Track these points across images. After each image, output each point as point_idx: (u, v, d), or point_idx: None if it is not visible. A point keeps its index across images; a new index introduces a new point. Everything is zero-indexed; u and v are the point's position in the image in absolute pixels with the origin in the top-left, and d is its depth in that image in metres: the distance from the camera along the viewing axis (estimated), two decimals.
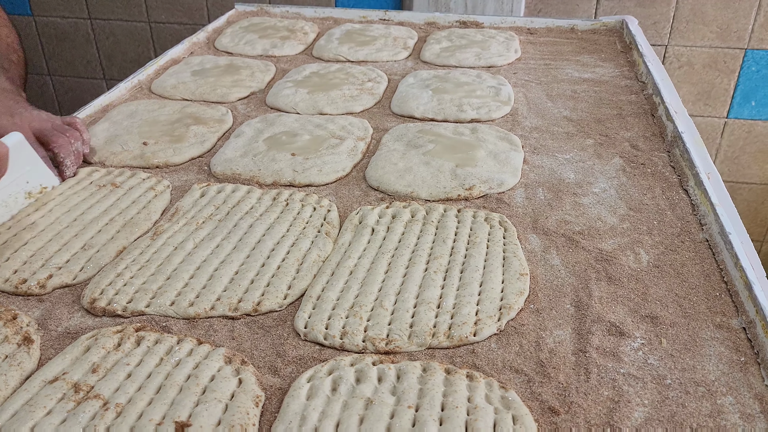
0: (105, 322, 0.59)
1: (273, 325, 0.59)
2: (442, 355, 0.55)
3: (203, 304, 0.60)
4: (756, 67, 1.76)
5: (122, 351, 0.54)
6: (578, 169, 0.83)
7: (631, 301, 0.60)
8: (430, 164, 0.82)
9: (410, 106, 1.00)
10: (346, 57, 1.22)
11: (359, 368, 0.52)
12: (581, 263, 0.65)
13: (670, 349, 0.54)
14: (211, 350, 0.55)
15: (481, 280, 0.62)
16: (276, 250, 0.67)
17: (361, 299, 0.60)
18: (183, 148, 0.87)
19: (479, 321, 0.57)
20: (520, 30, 1.37)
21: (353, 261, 0.65)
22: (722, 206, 0.69)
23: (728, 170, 1.91)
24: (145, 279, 0.63)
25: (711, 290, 0.61)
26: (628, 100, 1.02)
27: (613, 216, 0.73)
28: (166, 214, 0.75)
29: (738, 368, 0.52)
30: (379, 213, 0.73)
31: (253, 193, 0.78)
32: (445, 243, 0.67)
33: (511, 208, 0.75)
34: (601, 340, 0.55)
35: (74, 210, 0.74)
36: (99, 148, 0.88)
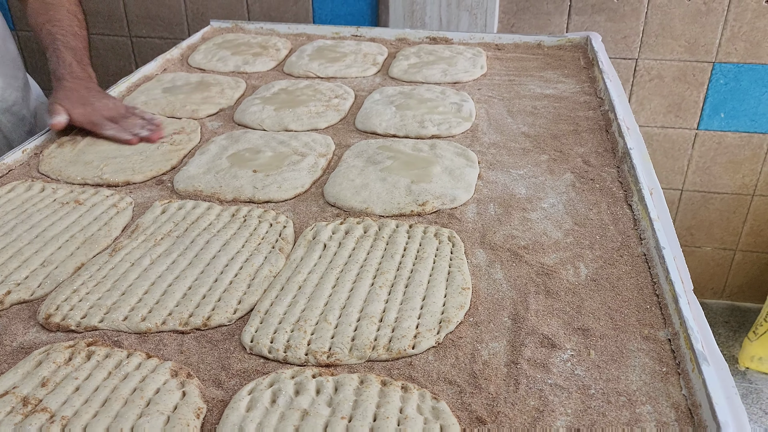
0: (59, 337, 0.61)
1: (221, 339, 0.61)
2: (381, 368, 0.57)
3: (155, 319, 0.62)
4: (724, 80, 1.80)
5: (72, 365, 0.57)
6: (530, 185, 0.86)
7: (565, 313, 0.62)
8: (386, 180, 0.85)
9: (373, 122, 1.03)
10: (315, 73, 1.25)
11: (299, 381, 0.55)
12: (523, 277, 0.68)
13: (597, 360, 0.57)
14: (158, 364, 0.57)
15: (424, 295, 0.64)
16: (229, 265, 0.69)
17: (307, 313, 0.62)
18: (144, 167, 0.90)
19: (418, 334, 0.59)
20: (489, 46, 1.40)
21: (303, 276, 0.68)
22: (661, 221, 0.72)
23: (700, 180, 1.95)
24: (101, 295, 0.65)
25: (642, 303, 0.63)
26: (585, 116, 1.06)
27: (559, 231, 0.76)
28: (126, 231, 0.77)
29: (659, 378, 0.55)
30: (332, 229, 0.76)
31: (212, 210, 0.80)
32: (393, 258, 0.70)
33: (461, 223, 0.78)
34: (533, 352, 0.58)
35: (36, 227, 0.76)
36: (65, 164, 0.90)
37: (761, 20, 1.70)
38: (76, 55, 1.03)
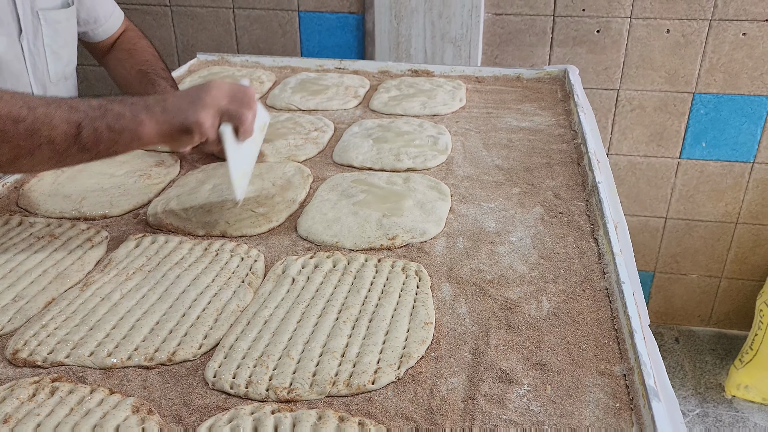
0: (25, 373, 0.62)
1: (185, 374, 0.62)
2: (341, 403, 0.58)
3: (121, 354, 0.63)
4: (704, 110, 1.83)
5: (35, 402, 0.57)
6: (500, 218, 0.87)
7: (525, 348, 0.63)
8: (357, 214, 0.86)
9: (350, 155, 1.05)
10: (297, 106, 1.27)
11: (257, 417, 0.55)
12: (486, 311, 0.69)
13: (553, 395, 0.58)
14: (120, 400, 0.58)
15: (387, 329, 0.65)
16: (198, 300, 0.71)
17: (271, 349, 0.63)
18: (122, 201, 0.91)
19: (379, 369, 0.60)
20: (469, 78, 1.43)
21: (269, 311, 0.69)
22: (623, 256, 0.74)
23: (684, 209, 1.97)
24: (69, 330, 0.66)
25: (601, 337, 0.64)
26: (559, 149, 1.08)
27: (525, 265, 0.77)
28: (99, 265, 0.78)
29: (612, 414, 0.55)
30: (302, 263, 0.77)
31: (185, 244, 0.81)
32: (359, 293, 0.71)
33: (430, 257, 0.79)
34: (491, 387, 0.59)
35: (11, 261, 0.77)
36: (44, 198, 0.92)
37: (738, 52, 1.74)
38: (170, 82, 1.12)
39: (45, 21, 1.04)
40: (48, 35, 1.05)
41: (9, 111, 0.72)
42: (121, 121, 0.75)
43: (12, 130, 0.72)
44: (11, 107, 0.72)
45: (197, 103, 0.78)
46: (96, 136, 0.74)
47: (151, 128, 0.76)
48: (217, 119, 0.80)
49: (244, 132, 0.83)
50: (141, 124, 0.76)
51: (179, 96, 0.80)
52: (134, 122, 0.76)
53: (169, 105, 0.78)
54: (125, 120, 0.75)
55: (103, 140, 0.75)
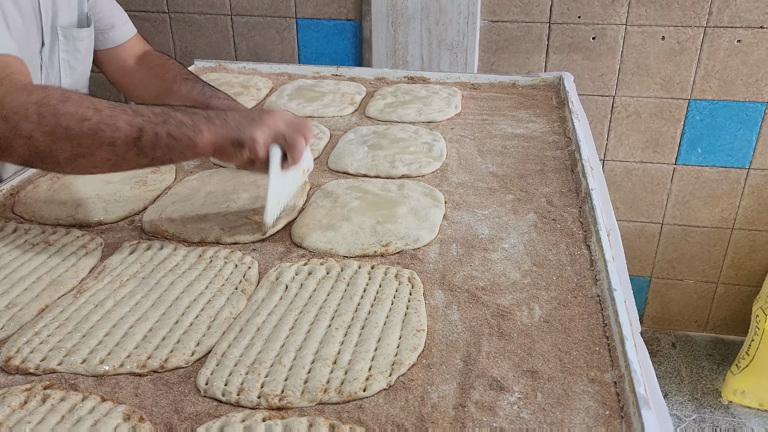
0: (17, 380, 0.62)
1: (177, 381, 0.62)
2: (332, 411, 0.58)
3: (113, 362, 0.63)
4: (700, 116, 1.84)
5: (27, 409, 0.57)
6: (493, 225, 0.88)
7: (516, 356, 0.64)
8: (351, 221, 0.86)
9: (345, 162, 1.05)
10: (293, 113, 1.27)
11: (248, 424, 0.56)
12: (478, 318, 0.69)
13: (543, 403, 0.58)
14: (112, 408, 0.58)
15: (379, 336, 0.66)
16: (191, 307, 0.71)
17: (263, 356, 0.63)
18: (117, 207, 0.91)
19: (370, 377, 0.61)
20: (465, 85, 1.44)
21: (262, 318, 0.69)
22: (615, 263, 0.74)
23: (680, 214, 1.97)
24: (62, 337, 0.66)
25: (592, 345, 0.65)
26: (553, 156, 1.08)
27: (517, 272, 0.77)
28: (94, 272, 0.78)
29: (602, 422, 0.56)
30: (296, 270, 0.77)
31: (179, 251, 0.81)
32: (351, 300, 0.71)
33: (423, 264, 0.79)
34: (482, 395, 0.59)
35: (5, 268, 0.77)
36: (40, 204, 0.92)
37: (733, 59, 1.75)
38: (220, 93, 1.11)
39: (63, 37, 1.06)
40: (64, 50, 1.07)
41: (76, 110, 0.74)
42: (181, 128, 0.77)
43: (77, 129, 0.74)
44: (78, 107, 0.74)
45: (257, 122, 0.81)
46: (156, 141, 0.76)
47: (208, 138, 0.78)
48: (270, 140, 0.82)
49: (293, 157, 0.84)
50: (200, 133, 0.78)
51: (241, 113, 0.83)
52: (194, 130, 0.78)
53: (230, 119, 0.80)
54: (185, 128, 0.77)
55: (161, 146, 0.77)
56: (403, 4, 1.80)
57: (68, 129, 0.74)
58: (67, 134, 0.74)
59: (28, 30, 0.99)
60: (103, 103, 0.76)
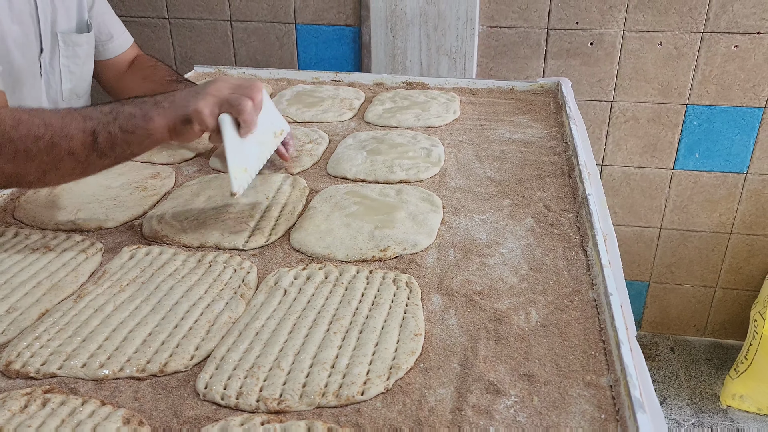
0: (18, 384, 0.62)
1: (176, 385, 0.62)
2: (330, 414, 0.58)
3: (113, 366, 0.64)
4: (697, 121, 1.84)
5: (27, 413, 0.58)
6: (491, 230, 0.88)
7: (513, 359, 0.64)
8: (350, 226, 0.87)
9: (344, 167, 1.06)
10: (292, 118, 1.28)
11: (247, 428, 0.56)
12: (475, 323, 0.70)
13: (539, 406, 0.58)
14: (111, 411, 0.58)
15: (377, 341, 0.66)
16: (190, 311, 0.71)
17: (261, 360, 0.64)
18: (117, 212, 0.92)
19: (368, 380, 0.61)
20: (463, 91, 1.44)
21: (261, 322, 0.69)
22: (612, 267, 0.75)
23: (678, 219, 1.98)
24: (62, 341, 0.67)
25: (588, 349, 0.65)
26: (551, 161, 1.09)
27: (514, 276, 0.78)
28: (94, 277, 0.79)
29: (597, 425, 0.56)
30: (294, 275, 0.78)
31: (179, 255, 0.82)
32: (350, 304, 0.72)
33: (421, 268, 0.80)
34: (478, 399, 0.59)
35: (5, 273, 0.78)
36: (40, 209, 0.92)
37: (731, 64, 1.76)
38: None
39: (63, 42, 1.07)
40: (65, 56, 1.08)
41: (29, 131, 0.75)
42: (132, 120, 0.77)
43: (35, 149, 0.75)
44: (29, 127, 0.75)
45: (200, 94, 0.81)
46: (111, 140, 0.77)
47: (160, 123, 0.78)
48: (216, 108, 0.81)
49: (244, 122, 0.82)
50: (151, 120, 0.78)
51: (186, 90, 0.82)
52: (144, 120, 0.78)
53: (176, 98, 0.80)
54: (136, 119, 0.78)
55: (119, 143, 0.77)
56: (402, 10, 1.81)
57: (27, 151, 0.75)
58: (28, 156, 0.76)
59: (26, 36, 0.99)
60: (52, 115, 0.77)
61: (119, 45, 1.22)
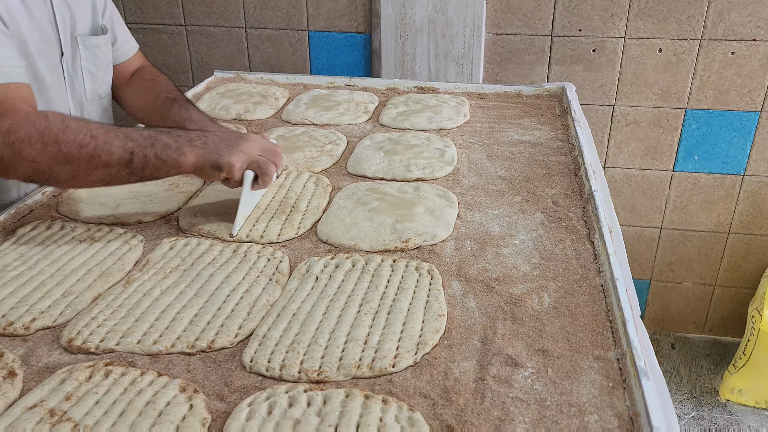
0: (79, 358, 0.69)
1: (224, 359, 0.69)
2: (365, 384, 0.65)
3: (165, 342, 0.70)
4: (696, 125, 1.91)
5: (92, 383, 0.64)
6: (504, 223, 0.95)
7: (528, 337, 0.71)
8: (373, 220, 0.94)
9: (363, 166, 1.12)
10: (311, 121, 1.35)
11: (292, 395, 0.62)
12: (493, 306, 0.76)
13: (554, 376, 0.65)
14: (168, 381, 0.65)
15: (404, 321, 0.73)
16: (231, 295, 0.78)
17: (300, 337, 0.70)
18: (154, 207, 0.99)
19: (398, 355, 0.67)
20: (472, 95, 1.51)
21: (296, 305, 0.76)
22: (617, 256, 0.81)
23: (678, 219, 2.05)
24: (116, 321, 0.73)
25: (596, 327, 0.72)
26: (558, 161, 1.16)
27: (527, 264, 0.84)
28: (138, 265, 0.85)
29: (606, 392, 0.62)
30: (324, 263, 0.84)
31: (215, 246, 0.89)
32: (377, 289, 0.78)
33: (440, 258, 0.86)
34: (499, 370, 0.66)
35: (57, 261, 0.84)
36: (82, 205, 0.99)
37: (728, 70, 1.83)
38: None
39: (83, 45, 1.13)
40: (86, 58, 1.14)
41: (75, 137, 0.83)
42: (167, 150, 0.87)
43: (76, 154, 0.83)
44: (77, 134, 0.83)
45: (234, 148, 0.90)
46: (145, 162, 0.86)
47: (190, 160, 0.88)
48: (246, 165, 0.91)
49: (263, 182, 0.94)
50: (183, 155, 0.87)
51: (220, 137, 0.92)
52: (177, 152, 0.87)
53: (209, 142, 0.90)
54: (171, 150, 0.87)
55: (150, 166, 0.86)
56: (411, 18, 1.88)
57: (68, 155, 0.83)
58: (68, 159, 0.83)
59: (46, 41, 1.05)
60: (98, 129, 0.85)
61: (124, 53, 1.28)
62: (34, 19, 1.02)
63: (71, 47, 1.11)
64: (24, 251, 0.87)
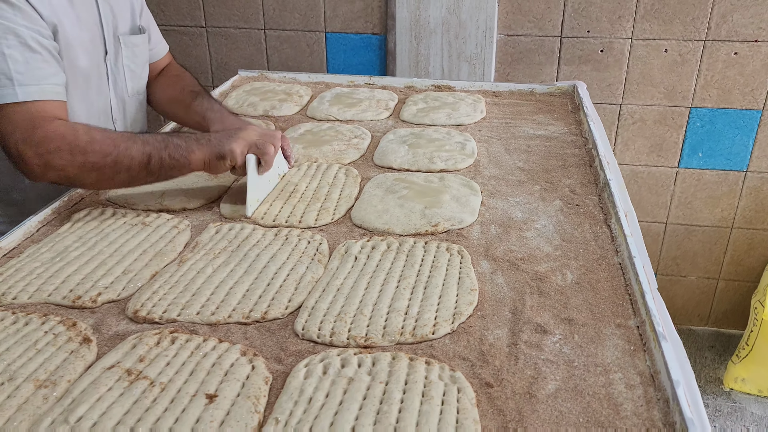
0: (145, 327, 0.75)
1: (277, 328, 0.75)
2: (408, 349, 0.71)
3: (222, 314, 0.77)
4: (700, 122, 1.98)
5: (161, 347, 0.71)
6: (525, 210, 1.01)
7: (555, 308, 0.77)
8: (403, 206, 1.00)
9: (389, 158, 1.19)
10: (335, 117, 1.42)
11: (344, 357, 0.69)
12: (520, 282, 0.83)
13: (580, 341, 0.71)
14: (230, 346, 0.71)
15: (440, 294, 0.79)
16: (278, 273, 0.84)
17: (346, 308, 0.77)
18: (197, 195, 1.06)
19: (437, 323, 0.74)
20: (487, 93, 1.58)
21: (340, 281, 0.83)
22: (633, 238, 0.88)
23: (683, 214, 2.11)
24: (176, 295, 0.80)
25: (617, 300, 0.78)
26: (572, 153, 1.22)
27: (549, 246, 0.91)
28: (188, 247, 0.92)
29: (628, 354, 0.69)
30: (361, 245, 0.91)
31: (258, 230, 0.95)
32: (413, 267, 0.85)
33: (468, 240, 0.93)
34: (529, 336, 0.72)
35: (114, 243, 0.91)
36: (129, 193, 1.06)
37: (731, 70, 1.90)
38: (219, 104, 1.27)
39: (125, 44, 1.19)
40: (127, 56, 1.20)
41: (101, 148, 0.94)
42: (178, 150, 0.97)
43: (101, 162, 0.94)
44: (102, 145, 0.94)
45: (234, 137, 1.00)
46: (160, 164, 0.96)
47: (198, 156, 0.98)
48: (246, 149, 1.00)
49: (265, 161, 1.02)
50: (192, 152, 0.98)
51: (222, 132, 1.02)
52: (187, 151, 0.97)
53: (212, 138, 1.01)
54: (181, 149, 0.97)
55: (165, 166, 0.97)
56: (426, 20, 1.95)
57: (95, 164, 0.93)
58: (94, 167, 0.94)
59: (92, 41, 1.12)
60: (119, 137, 0.96)
61: (156, 53, 1.35)
62: (81, 21, 1.09)
63: (114, 46, 1.18)
64: (82, 234, 0.94)
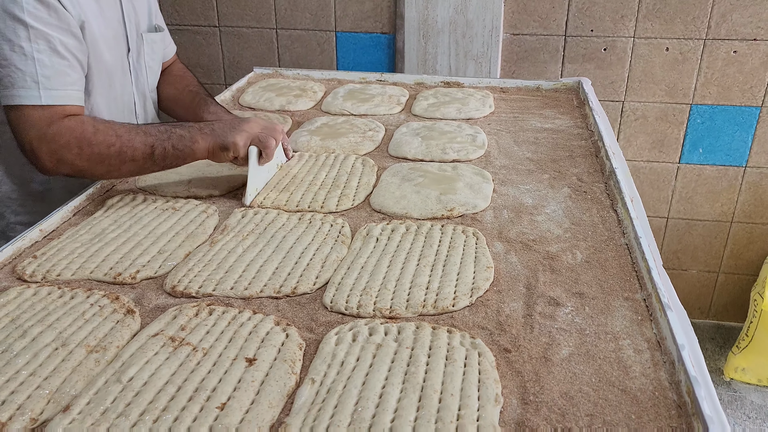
0: (183, 301, 0.80)
1: (307, 302, 0.80)
2: (430, 319, 0.76)
3: (254, 289, 0.82)
4: (701, 119, 2.04)
5: (200, 317, 0.76)
6: (535, 196, 1.07)
7: (566, 284, 0.82)
8: (420, 193, 1.05)
9: (404, 150, 1.24)
10: (350, 111, 1.47)
11: (371, 326, 0.74)
12: (533, 260, 0.88)
13: (590, 312, 0.76)
14: (264, 317, 0.76)
15: (458, 271, 0.84)
16: (305, 252, 0.89)
17: (371, 284, 0.82)
18: (222, 183, 1.11)
19: (456, 297, 0.79)
20: (495, 89, 1.63)
21: (363, 259, 0.88)
22: (639, 221, 0.93)
23: (684, 209, 2.16)
24: (210, 272, 0.85)
25: (624, 276, 0.83)
26: (579, 145, 1.27)
27: (559, 229, 0.96)
28: (217, 230, 0.97)
29: (636, 324, 0.74)
30: (381, 228, 0.96)
31: (282, 215, 1.00)
32: (431, 247, 0.90)
33: (482, 224, 0.98)
34: (543, 308, 0.77)
35: (148, 226, 0.96)
36: (158, 181, 1.11)
37: (730, 68, 1.95)
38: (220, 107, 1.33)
39: (146, 41, 1.25)
40: (147, 53, 1.26)
41: (104, 139, 0.99)
42: (182, 140, 1.02)
43: (106, 153, 0.99)
44: (105, 136, 0.99)
45: (237, 129, 1.05)
46: (164, 153, 1.01)
47: (202, 146, 1.02)
48: (248, 141, 1.05)
49: (266, 154, 1.06)
50: (196, 142, 1.02)
51: (225, 124, 1.07)
52: (191, 141, 1.02)
53: (216, 128, 1.05)
54: (185, 140, 1.02)
55: (169, 156, 1.02)
56: (434, 19, 2.01)
57: (100, 154, 0.98)
58: (100, 158, 0.99)
59: (115, 38, 1.17)
60: (121, 128, 1.00)
61: (168, 52, 1.40)
62: (106, 19, 1.14)
63: (136, 43, 1.23)
64: (116, 218, 0.99)
